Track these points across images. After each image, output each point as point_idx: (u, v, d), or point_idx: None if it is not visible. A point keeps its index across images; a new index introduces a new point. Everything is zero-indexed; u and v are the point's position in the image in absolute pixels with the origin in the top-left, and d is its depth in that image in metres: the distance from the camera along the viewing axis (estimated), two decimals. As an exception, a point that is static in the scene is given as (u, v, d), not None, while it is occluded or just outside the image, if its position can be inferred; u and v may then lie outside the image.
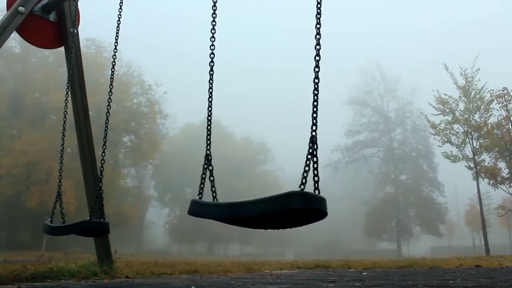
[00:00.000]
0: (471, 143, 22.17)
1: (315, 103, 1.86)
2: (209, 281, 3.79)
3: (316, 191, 1.69)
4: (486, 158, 22.52)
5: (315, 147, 1.76)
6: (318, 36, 1.95)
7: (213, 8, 2.49)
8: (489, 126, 22.02)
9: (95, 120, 17.31)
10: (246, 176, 55.36)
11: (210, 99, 2.40)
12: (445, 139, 22.67)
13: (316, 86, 1.89)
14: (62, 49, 4.61)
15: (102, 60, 35.72)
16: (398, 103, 52.10)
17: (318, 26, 1.96)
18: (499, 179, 22.12)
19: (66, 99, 4.01)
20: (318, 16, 1.97)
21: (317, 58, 1.92)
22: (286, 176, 63.45)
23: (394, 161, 50.21)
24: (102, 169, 3.44)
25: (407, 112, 51.29)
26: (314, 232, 48.24)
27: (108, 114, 3.53)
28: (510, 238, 47.64)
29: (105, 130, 3.53)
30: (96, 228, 3.37)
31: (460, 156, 22.43)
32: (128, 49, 37.74)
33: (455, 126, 22.68)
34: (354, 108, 51.74)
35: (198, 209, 2.00)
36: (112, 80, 3.64)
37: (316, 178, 1.71)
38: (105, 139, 3.54)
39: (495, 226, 45.11)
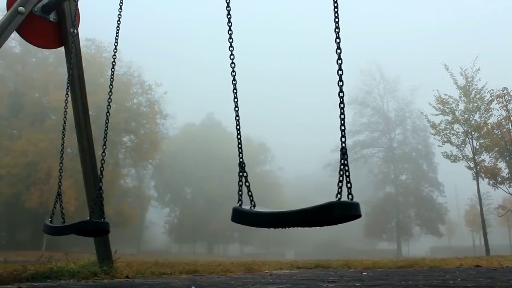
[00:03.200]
0: (471, 143, 22.18)
1: (342, 116, 1.98)
2: (209, 281, 3.79)
3: (350, 196, 1.86)
4: (486, 158, 22.55)
5: (346, 157, 1.91)
6: (339, 51, 2.01)
7: (228, 16, 2.49)
8: (489, 126, 22.02)
9: (95, 120, 17.34)
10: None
11: (236, 109, 2.42)
12: (445, 139, 22.68)
13: (341, 99, 1.99)
14: (62, 49, 4.61)
15: (102, 60, 35.72)
16: (398, 103, 52.13)
17: (338, 40, 2.01)
18: (499, 179, 22.11)
19: (66, 99, 4.01)
20: (337, 30, 2.00)
21: (340, 72, 2.01)
22: (286, 176, 63.57)
23: (394, 161, 50.20)
24: (102, 169, 3.44)
25: (407, 112, 51.31)
26: (314, 232, 48.21)
27: (108, 114, 3.53)
28: (510, 238, 47.65)
29: (105, 130, 3.53)
30: (96, 228, 3.37)
31: (460, 156, 22.44)
32: (128, 49, 37.79)
33: (455, 126, 22.70)
34: (354, 108, 51.72)
35: (243, 217, 2.12)
36: (112, 80, 3.64)
37: (348, 185, 1.87)
38: (105, 139, 3.54)
39: (495, 226, 45.10)
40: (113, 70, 3.73)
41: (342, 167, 1.88)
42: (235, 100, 2.41)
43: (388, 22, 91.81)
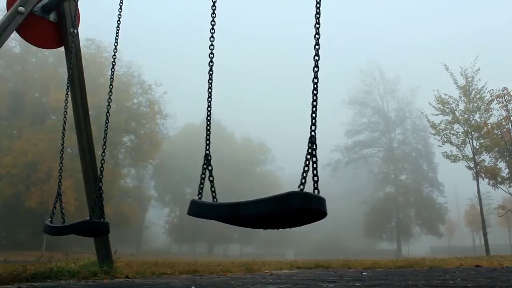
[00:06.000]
0: (471, 143, 22.18)
1: (314, 103, 1.86)
2: (209, 281, 3.80)
3: (316, 191, 1.69)
4: (486, 158, 22.55)
5: (315, 147, 1.76)
6: (317, 36, 1.93)
7: (212, 8, 2.49)
8: (489, 126, 22.02)
9: (95, 120, 17.31)
10: (246, 176, 55.38)
11: (209, 99, 2.41)
12: (445, 139, 22.69)
13: (315, 86, 1.88)
14: (62, 49, 4.61)
15: (102, 60, 35.71)
16: (398, 103, 52.12)
17: (317, 26, 1.94)
18: (499, 179, 22.11)
19: (66, 99, 4.01)
20: (318, 16, 1.96)
21: (316, 58, 1.91)
22: (286, 176, 63.53)
23: (394, 161, 50.18)
24: (102, 169, 3.44)
25: (407, 112, 51.30)
26: (314, 232, 48.23)
27: (108, 114, 3.53)
28: (510, 238, 47.63)
29: (105, 130, 3.53)
30: (96, 228, 3.37)
31: (460, 156, 22.45)
32: (128, 49, 37.74)
33: (455, 126, 22.71)
34: (354, 108, 51.78)
35: (198, 209, 2.00)
36: (112, 80, 3.64)
37: (315, 178, 1.71)
38: (105, 139, 3.54)
39: (495, 226, 45.12)
40: (113, 70, 3.73)
41: (308, 156, 1.73)
42: (209, 90, 2.40)
43: (388, 22, 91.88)
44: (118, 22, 3.72)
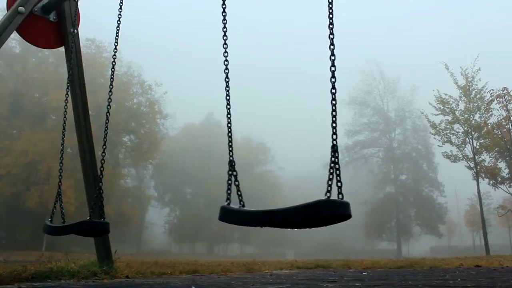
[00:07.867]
0: (471, 143, 22.19)
1: (334, 113, 1.92)
2: (209, 281, 3.79)
3: (340, 196, 1.81)
4: (486, 158, 22.56)
5: (337, 155, 1.88)
6: (332, 47, 1.96)
7: (223, 14, 2.50)
8: (489, 126, 22.03)
9: (95, 120, 17.33)
10: (246, 176, 55.28)
11: (228, 106, 2.40)
12: (445, 139, 22.68)
13: (333, 96, 1.93)
14: (62, 49, 4.60)
15: (102, 60, 35.73)
16: (398, 103, 52.10)
17: (331, 36, 1.97)
18: (499, 179, 22.12)
19: (66, 99, 4.00)
20: (331, 26, 1.98)
21: (333, 68, 1.94)
22: (286, 176, 63.56)
23: (394, 161, 50.18)
24: (102, 169, 3.43)
25: (407, 112, 51.29)
26: (314, 232, 48.15)
27: (108, 114, 3.52)
28: (510, 238, 47.65)
29: (105, 130, 3.52)
30: (96, 228, 3.36)
31: (460, 156, 22.45)
32: (128, 49, 37.79)
33: (455, 126, 22.70)
34: (354, 108, 51.71)
35: (230, 216, 2.07)
36: (112, 80, 3.63)
37: (339, 184, 1.83)
38: (105, 139, 3.53)
39: (495, 226, 45.12)
40: (113, 70, 3.73)
41: (332, 164, 1.85)
42: (227, 98, 2.41)
43: (389, 22, 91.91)
44: (118, 22, 3.71)
